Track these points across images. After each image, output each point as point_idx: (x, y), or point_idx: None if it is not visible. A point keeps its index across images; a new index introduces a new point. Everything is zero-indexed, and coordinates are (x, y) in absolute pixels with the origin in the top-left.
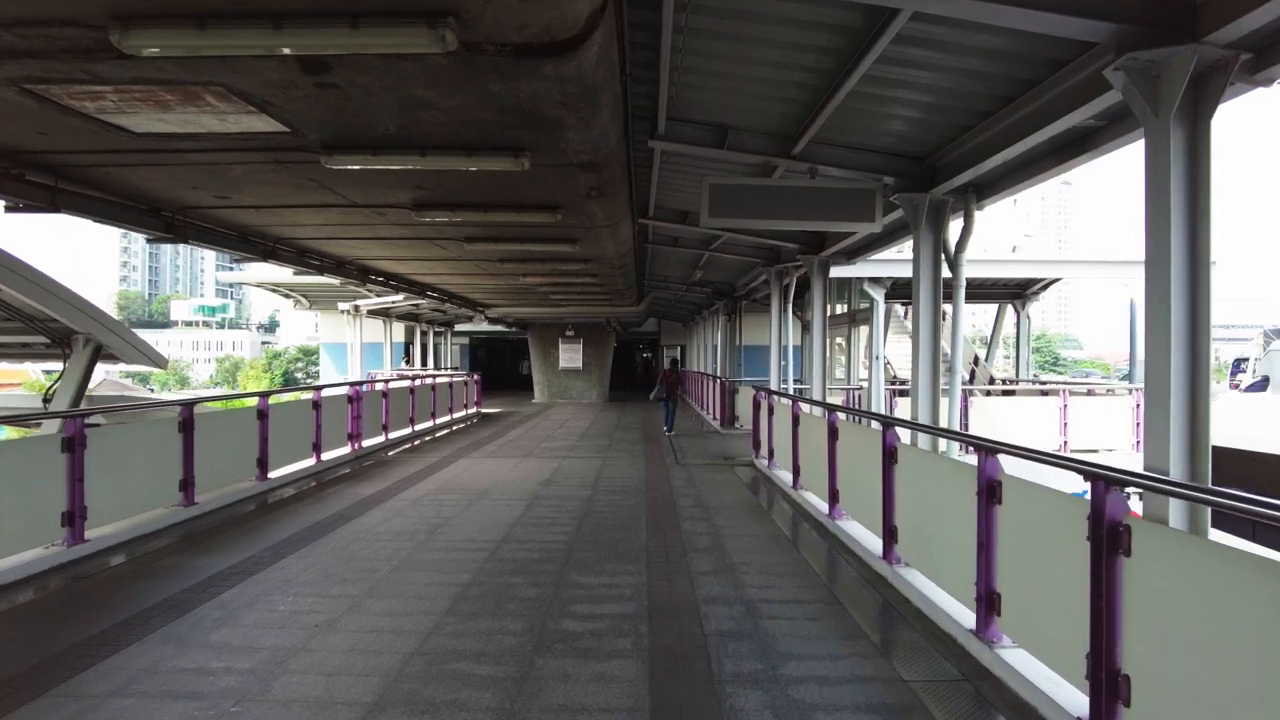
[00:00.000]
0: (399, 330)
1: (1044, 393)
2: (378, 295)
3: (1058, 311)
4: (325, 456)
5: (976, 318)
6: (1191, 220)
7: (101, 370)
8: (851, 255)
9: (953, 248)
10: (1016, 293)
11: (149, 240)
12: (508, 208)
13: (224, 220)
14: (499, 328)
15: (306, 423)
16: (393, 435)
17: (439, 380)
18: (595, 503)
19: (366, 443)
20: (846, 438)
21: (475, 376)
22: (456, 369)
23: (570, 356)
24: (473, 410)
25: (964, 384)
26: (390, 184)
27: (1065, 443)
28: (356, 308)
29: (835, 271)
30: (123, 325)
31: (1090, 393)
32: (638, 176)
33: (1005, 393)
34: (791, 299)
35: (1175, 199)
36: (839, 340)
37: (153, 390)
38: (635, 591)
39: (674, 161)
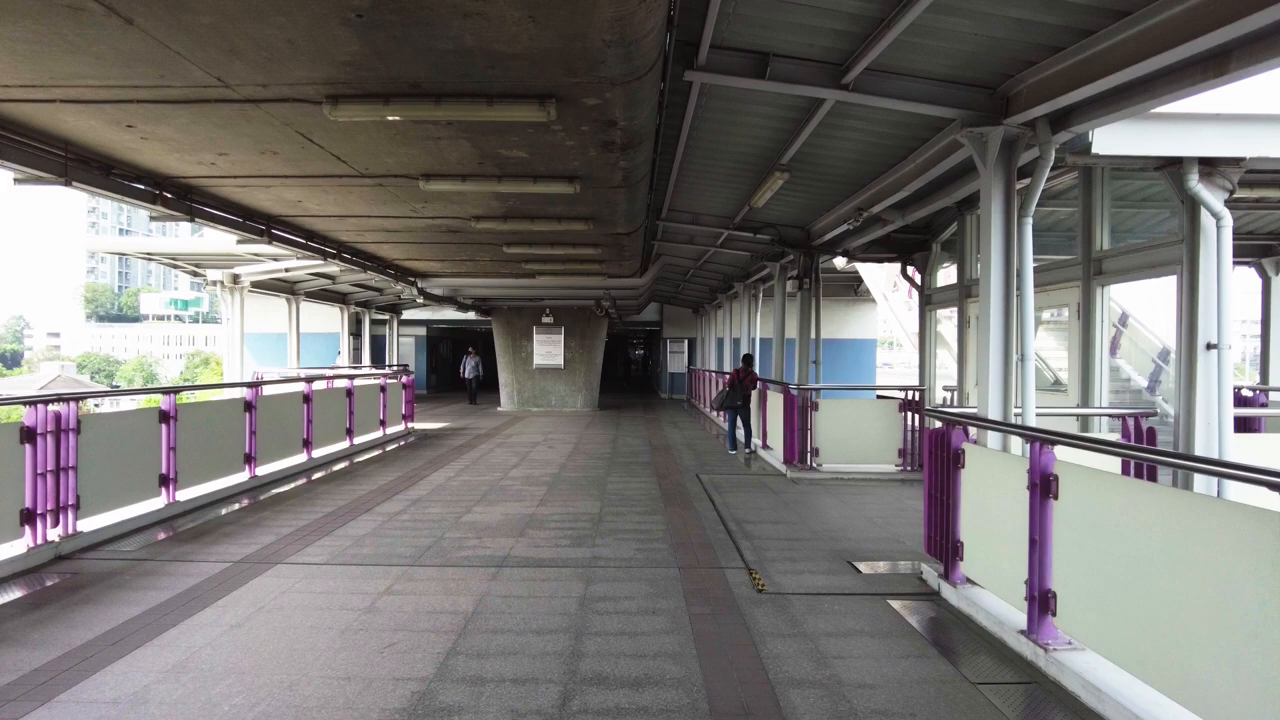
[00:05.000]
0: (324, 316)
1: None
2: (254, 258)
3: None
4: None
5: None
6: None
7: (55, 367)
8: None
9: None
10: (1268, 243)
11: None
12: None
13: None
14: (462, 315)
15: None
16: (206, 489)
17: (317, 386)
18: None
19: (93, 523)
20: None
21: (405, 378)
22: (405, 368)
23: (548, 350)
24: (398, 428)
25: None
26: None
27: None
28: (235, 278)
29: (1108, 143)
30: None
31: None
32: None
33: None
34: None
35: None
36: (942, 316)
37: (117, 387)
38: None
39: None
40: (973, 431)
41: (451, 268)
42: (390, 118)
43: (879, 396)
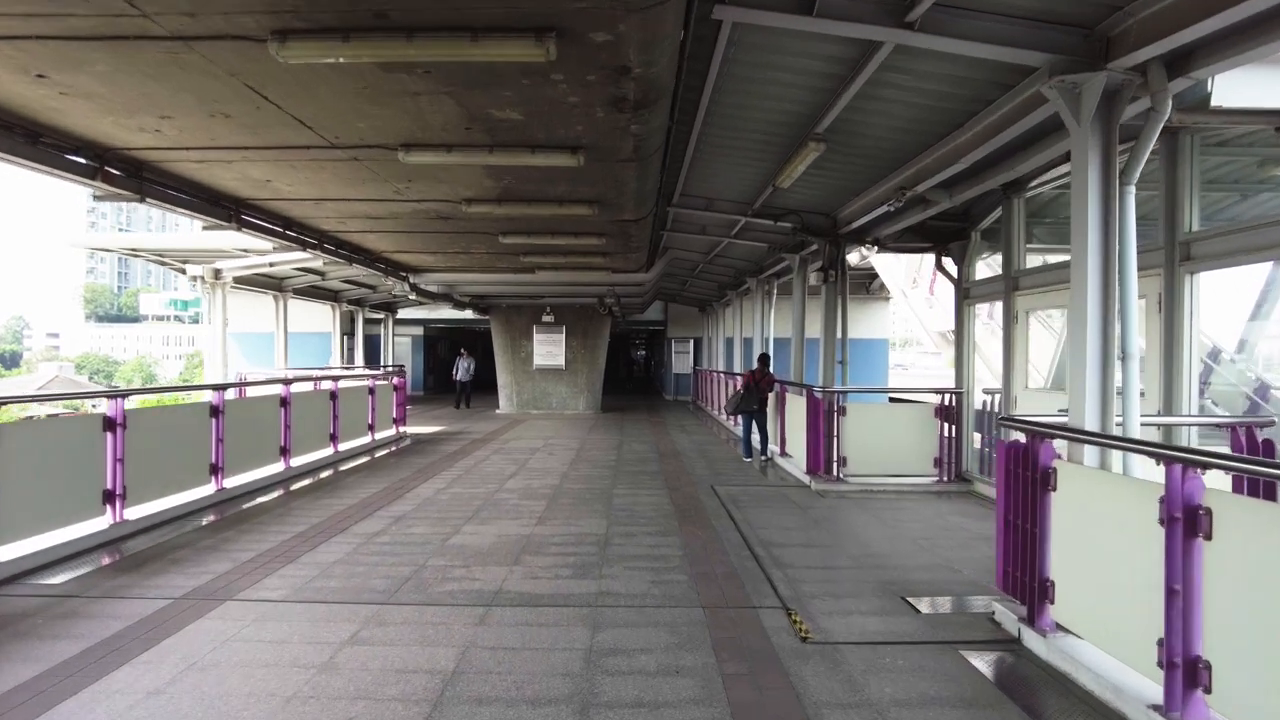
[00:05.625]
0: (319, 316)
1: None
2: (241, 254)
3: None
4: None
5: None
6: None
7: (54, 367)
8: None
9: None
10: None
11: None
12: None
13: None
14: (460, 313)
15: None
16: (162, 505)
17: (299, 388)
18: None
19: (15, 550)
20: None
21: (396, 379)
22: (400, 368)
23: (549, 350)
24: (389, 433)
25: None
26: None
27: None
28: (217, 273)
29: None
30: None
31: None
32: None
33: None
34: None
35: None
36: (980, 310)
37: (116, 386)
38: None
39: None
40: (1056, 445)
41: (445, 261)
42: (352, 59)
43: (893, 399)
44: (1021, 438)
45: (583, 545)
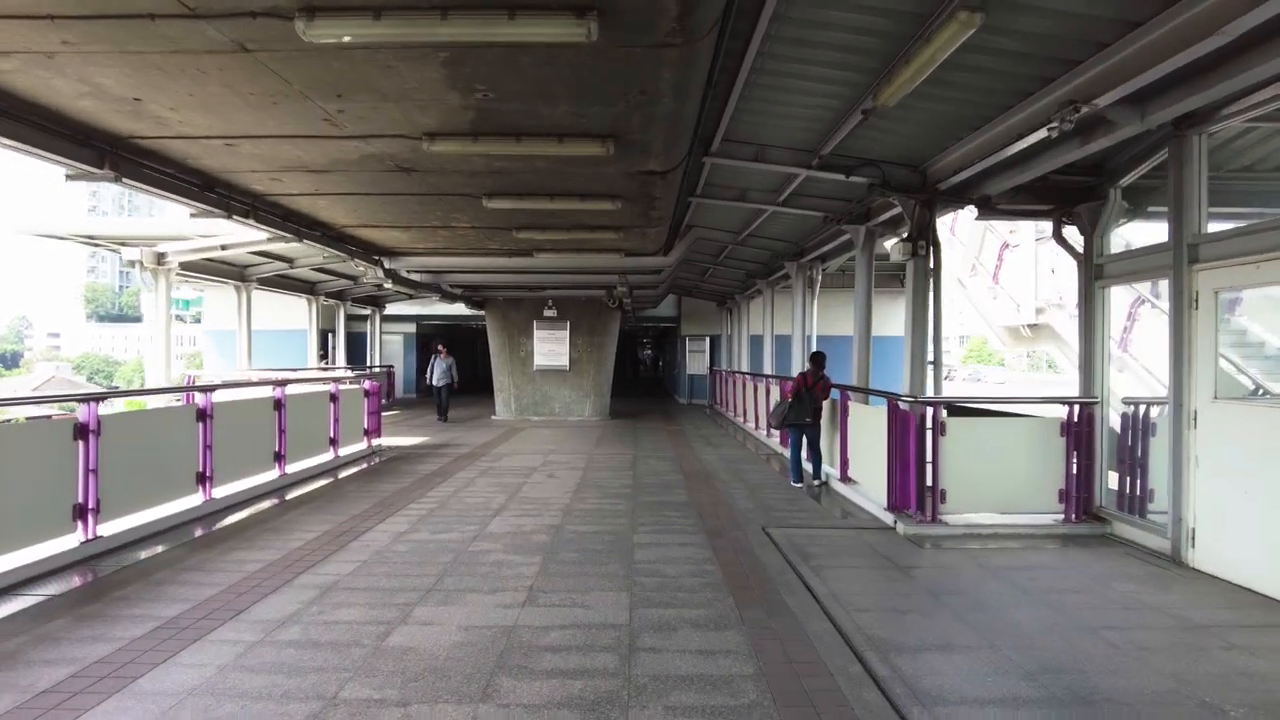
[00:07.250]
0: (294, 311)
1: None
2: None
3: None
4: None
5: None
6: None
7: (51, 368)
8: None
9: None
10: None
11: None
12: None
13: None
14: (454, 308)
15: None
16: None
17: (221, 396)
18: None
19: None
20: None
21: (368, 384)
22: (389, 370)
23: (551, 349)
24: (358, 448)
25: None
26: None
27: None
28: (159, 257)
29: None
30: None
31: None
32: None
33: None
34: None
35: None
36: (1069, 296)
37: (115, 387)
38: None
39: None
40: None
41: (424, 239)
42: None
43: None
44: None
45: (594, 653)
